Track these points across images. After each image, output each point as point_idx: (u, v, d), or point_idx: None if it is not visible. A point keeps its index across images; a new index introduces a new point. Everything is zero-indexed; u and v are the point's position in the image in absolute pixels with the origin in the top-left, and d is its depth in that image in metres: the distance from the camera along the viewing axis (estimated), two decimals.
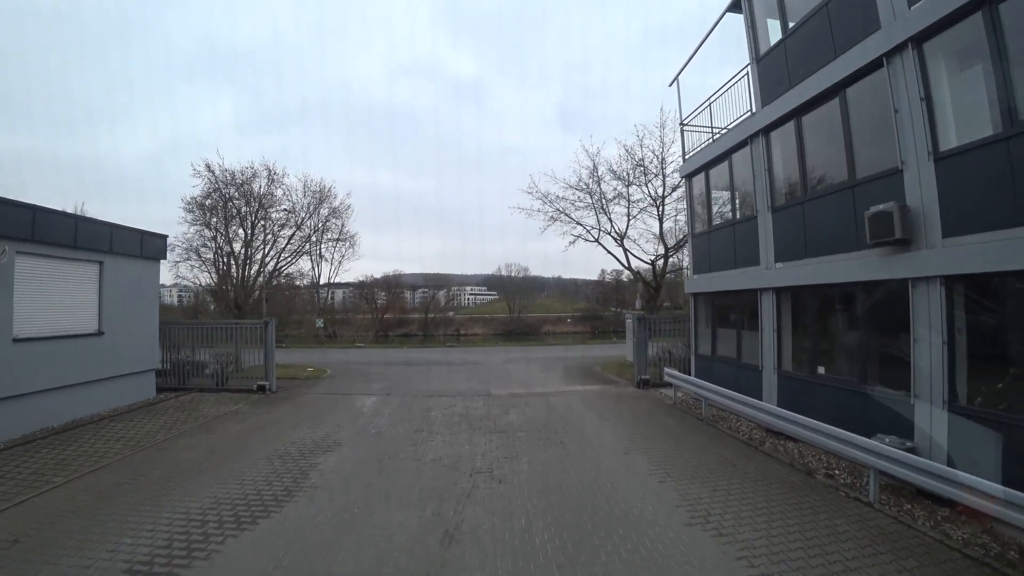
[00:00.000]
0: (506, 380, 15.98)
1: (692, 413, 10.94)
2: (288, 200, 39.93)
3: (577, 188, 19.28)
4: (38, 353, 9.69)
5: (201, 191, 18.93)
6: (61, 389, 10.15)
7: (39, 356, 9.70)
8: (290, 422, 10.36)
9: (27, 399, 9.39)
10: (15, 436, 9.06)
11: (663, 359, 14.28)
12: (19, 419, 9.20)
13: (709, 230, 11.73)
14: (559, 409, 11.35)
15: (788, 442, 8.66)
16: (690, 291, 12.48)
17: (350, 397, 13.08)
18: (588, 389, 13.97)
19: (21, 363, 9.27)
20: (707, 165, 11.70)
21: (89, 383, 10.92)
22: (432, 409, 11.45)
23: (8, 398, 9.01)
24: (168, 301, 51.64)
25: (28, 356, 9.45)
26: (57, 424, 9.98)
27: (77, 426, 10.09)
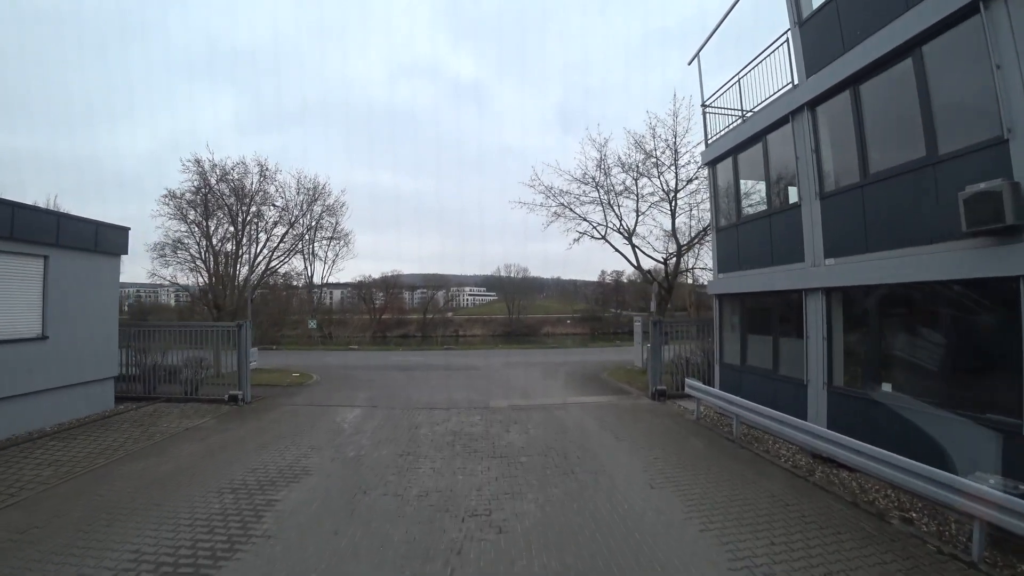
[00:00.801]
0: (506, 389, 14.58)
1: (719, 431, 9.55)
2: (281, 197, 38.63)
3: (582, 181, 17.90)
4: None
5: (188, 186, 17.47)
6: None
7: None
8: (257, 441, 8.95)
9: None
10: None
11: (680, 367, 12.89)
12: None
13: (738, 223, 10.35)
14: (567, 426, 9.95)
15: (841, 471, 7.29)
16: (714, 292, 11.09)
17: (331, 410, 11.66)
18: (597, 401, 12.56)
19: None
20: (735, 149, 10.31)
21: (29, 395, 9.51)
22: (422, 425, 10.04)
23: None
24: (164, 301, 50.18)
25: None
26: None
27: (9, 445, 8.68)
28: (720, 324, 10.95)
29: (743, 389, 9.78)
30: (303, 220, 40.18)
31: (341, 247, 44.17)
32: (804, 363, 8.24)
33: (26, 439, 9.07)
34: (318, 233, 42.23)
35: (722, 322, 10.94)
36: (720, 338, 10.96)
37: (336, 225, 42.08)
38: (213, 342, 13.80)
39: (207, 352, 14.13)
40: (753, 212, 10.10)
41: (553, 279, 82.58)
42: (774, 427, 8.16)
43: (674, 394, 12.58)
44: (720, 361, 10.97)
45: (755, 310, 10.06)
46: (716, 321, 11.02)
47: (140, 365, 13.20)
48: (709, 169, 11.43)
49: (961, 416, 5.75)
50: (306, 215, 40.68)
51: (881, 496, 6.55)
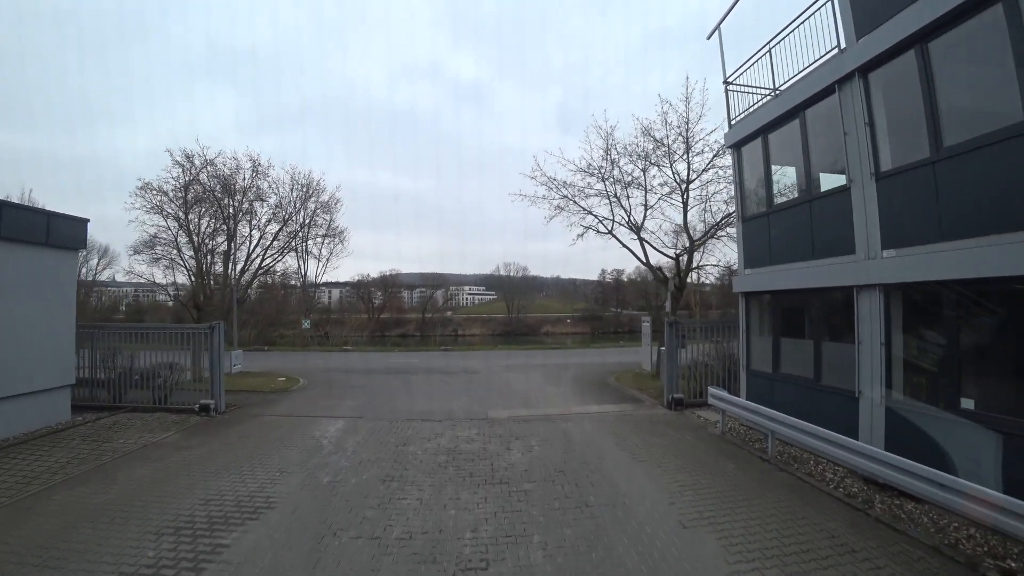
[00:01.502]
0: (506, 396, 13.39)
1: (750, 449, 8.36)
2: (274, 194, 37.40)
3: (588, 172, 16.69)
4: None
5: (168, 177, 16.22)
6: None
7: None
8: (220, 462, 7.75)
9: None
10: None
11: (698, 373, 11.69)
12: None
13: (769, 212, 9.15)
14: (576, 442, 8.75)
15: (906, 501, 6.13)
16: (740, 290, 9.90)
17: (312, 422, 10.45)
18: (607, 410, 11.37)
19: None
20: (765, 128, 9.12)
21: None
22: (411, 442, 8.84)
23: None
24: (163, 300, 48.80)
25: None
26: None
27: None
28: (747, 326, 9.76)
29: (775, 400, 8.60)
30: (296, 217, 39.16)
31: (335, 245, 43.15)
32: (856, 372, 7.06)
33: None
34: (312, 230, 41.34)
35: (749, 323, 9.75)
36: (747, 342, 9.77)
37: (330, 222, 41.13)
38: (188, 345, 12.59)
39: (182, 356, 12.94)
40: (788, 199, 8.90)
41: (553, 278, 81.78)
42: (819, 446, 6.98)
43: (692, 402, 11.39)
44: (747, 368, 9.78)
45: (791, 310, 8.87)
46: (742, 322, 9.82)
47: (106, 370, 12.02)
48: (733, 153, 10.23)
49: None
50: (300, 212, 39.67)
51: (964, 536, 5.38)
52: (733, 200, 15.48)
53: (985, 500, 4.86)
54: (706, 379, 11.51)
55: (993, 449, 5.32)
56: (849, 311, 7.18)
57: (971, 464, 5.60)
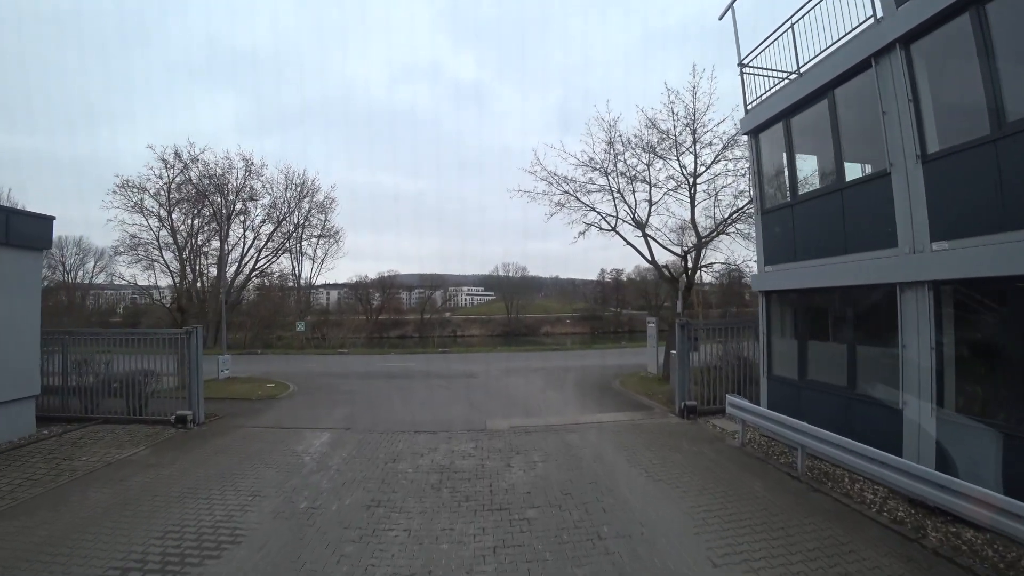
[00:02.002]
0: (506, 403, 12.59)
1: (775, 464, 7.58)
2: (268, 194, 36.65)
3: (590, 166, 15.87)
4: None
5: (150, 174, 15.41)
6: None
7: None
8: (188, 483, 6.95)
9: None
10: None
11: (710, 377, 10.90)
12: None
13: (793, 203, 8.37)
14: (584, 458, 7.96)
15: (964, 529, 5.36)
16: (760, 289, 9.11)
17: (296, 434, 9.65)
18: (616, 420, 10.56)
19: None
20: (787, 112, 8.33)
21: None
22: (402, 458, 8.04)
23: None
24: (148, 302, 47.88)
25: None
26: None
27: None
28: (767, 328, 8.98)
29: (802, 410, 7.82)
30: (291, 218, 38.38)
31: (331, 245, 42.39)
32: (899, 380, 6.27)
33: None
34: (306, 231, 40.57)
35: (770, 325, 8.96)
36: (767, 345, 8.98)
37: (325, 222, 40.36)
38: (171, 350, 11.76)
39: (164, 362, 12.10)
40: (815, 188, 8.12)
41: (552, 278, 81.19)
42: (858, 464, 6.20)
43: (705, 410, 10.61)
44: (768, 373, 9.00)
45: (819, 311, 8.09)
46: (762, 324, 9.03)
47: (79, 378, 11.22)
48: (750, 140, 9.45)
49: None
50: (294, 212, 38.89)
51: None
52: (743, 194, 14.81)
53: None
54: (719, 384, 10.74)
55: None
56: (890, 311, 6.40)
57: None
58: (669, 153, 14.90)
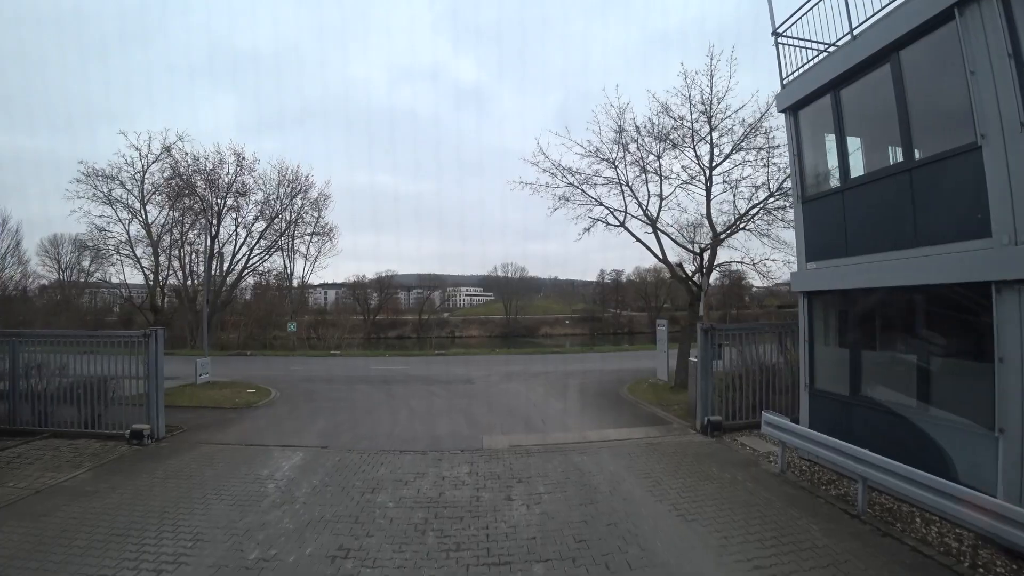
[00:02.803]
0: (505, 414, 11.34)
1: (826, 497, 6.37)
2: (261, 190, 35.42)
3: (597, 156, 14.66)
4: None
5: (122, 162, 14.15)
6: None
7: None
8: (118, 523, 5.70)
9: None
10: None
11: (732, 387, 9.69)
12: None
13: (843, 187, 7.15)
14: (597, 487, 6.72)
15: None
16: (800, 289, 7.89)
17: (265, 453, 8.41)
18: (629, 437, 9.31)
19: None
20: (837, 82, 7.12)
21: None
22: (382, 487, 6.80)
23: None
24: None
25: None
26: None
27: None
28: (809, 334, 7.75)
29: (854, 431, 6.61)
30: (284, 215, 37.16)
31: (324, 243, 41.15)
32: (994, 401, 5.06)
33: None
34: (299, 228, 39.33)
35: (813, 331, 7.74)
36: (809, 354, 7.76)
37: (318, 219, 39.12)
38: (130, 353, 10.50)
39: (132, 365, 10.81)
40: (872, 170, 6.90)
41: (551, 279, 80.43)
42: (940, 504, 5.02)
43: (729, 426, 9.40)
44: (809, 387, 7.78)
45: (879, 314, 6.87)
46: (803, 329, 7.81)
47: (28, 385, 9.97)
48: (788, 118, 8.23)
49: None
50: (286, 209, 37.67)
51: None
52: (764, 187, 13.60)
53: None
54: (741, 395, 9.53)
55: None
56: (980, 316, 5.20)
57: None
58: (684, 142, 13.69)
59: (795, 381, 9.63)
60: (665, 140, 13.91)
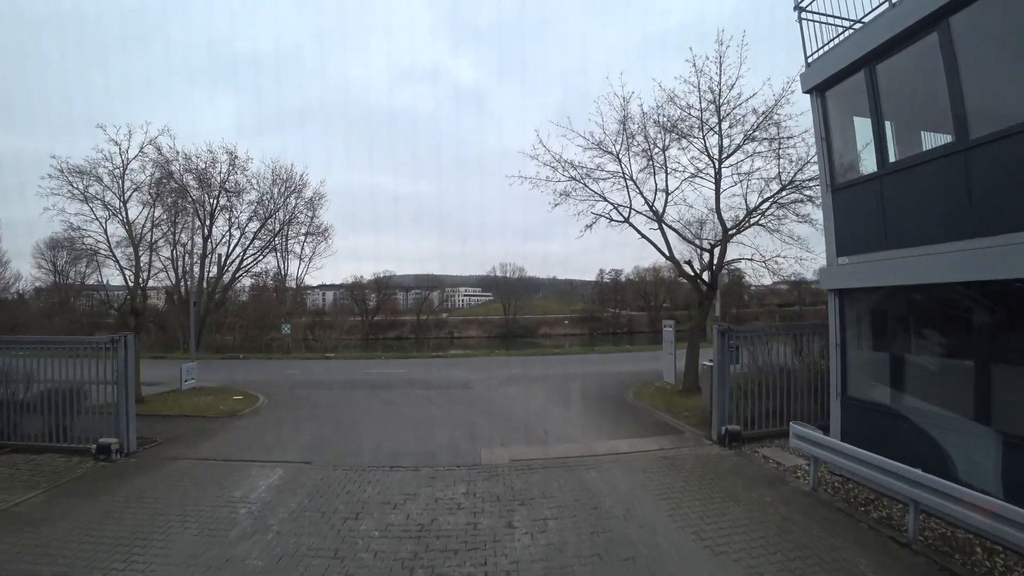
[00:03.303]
0: (505, 423, 10.58)
1: (867, 520, 5.65)
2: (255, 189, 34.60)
3: (601, 148, 13.91)
4: None
5: (99, 157, 13.33)
6: None
7: None
8: (62, 559, 4.96)
9: None
10: None
11: (748, 391, 8.96)
12: None
13: (881, 173, 6.42)
14: (611, 512, 5.97)
15: None
16: (831, 287, 7.15)
17: (243, 470, 7.66)
18: (642, 449, 8.55)
19: None
20: (873, 56, 6.40)
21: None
22: (367, 512, 6.05)
23: None
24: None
25: None
26: None
27: None
28: (841, 336, 7.02)
29: (898, 445, 5.88)
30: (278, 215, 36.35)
31: (319, 243, 40.36)
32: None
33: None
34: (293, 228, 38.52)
35: (845, 333, 7.01)
36: (841, 358, 7.02)
37: (312, 218, 38.32)
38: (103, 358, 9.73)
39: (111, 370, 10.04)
40: (917, 152, 6.18)
41: (549, 279, 79.89)
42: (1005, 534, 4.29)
43: (749, 435, 8.67)
44: (841, 395, 7.04)
45: (925, 314, 6.15)
46: (835, 331, 7.07)
47: None
48: (814, 99, 7.49)
49: None
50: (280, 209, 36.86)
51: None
52: (776, 179, 12.85)
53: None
54: (756, 401, 8.81)
55: None
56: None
57: None
58: (692, 132, 12.95)
59: (813, 386, 8.96)
60: (672, 131, 13.18)
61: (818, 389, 9.05)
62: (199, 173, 32.65)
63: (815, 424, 8.78)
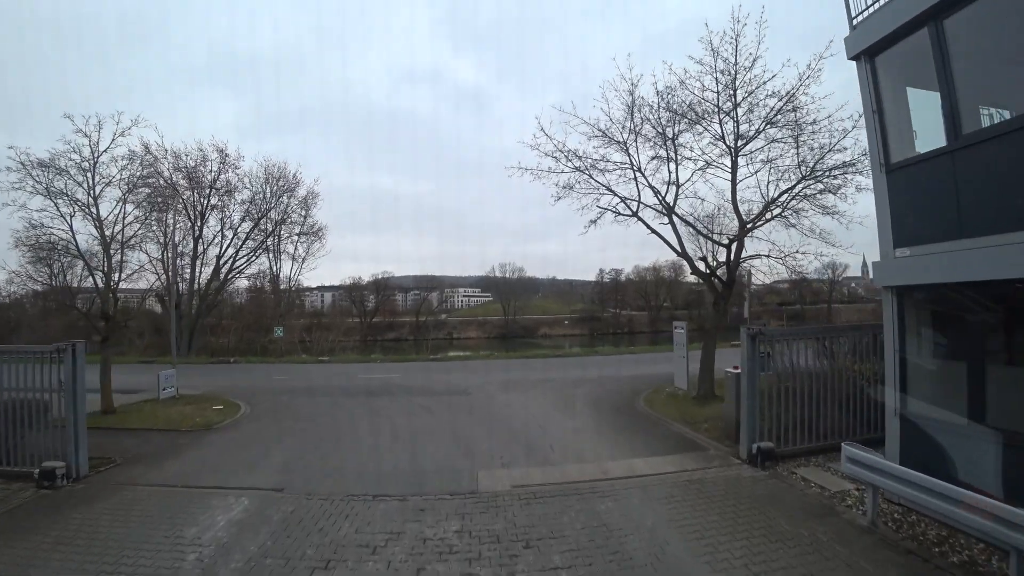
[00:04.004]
0: (506, 437, 9.53)
1: (949, 568, 4.62)
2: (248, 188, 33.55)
3: (607, 135, 12.87)
4: None
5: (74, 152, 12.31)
6: None
7: None
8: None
9: None
10: None
11: (776, 400, 7.91)
12: None
13: (954, 146, 5.39)
14: (637, 559, 4.91)
15: None
16: (888, 284, 6.12)
17: (204, 499, 6.61)
18: (663, 472, 7.46)
19: None
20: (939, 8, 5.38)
21: None
22: (341, 559, 5.00)
23: None
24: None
25: None
26: None
27: None
28: (900, 342, 6.00)
29: (980, 471, 4.87)
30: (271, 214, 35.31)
31: (312, 242, 39.35)
32: None
33: None
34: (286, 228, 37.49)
35: (904, 338, 5.99)
36: (900, 368, 5.99)
37: (306, 218, 37.30)
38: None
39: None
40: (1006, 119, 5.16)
41: (549, 279, 79.19)
42: None
43: (785, 453, 7.64)
44: (899, 411, 6.01)
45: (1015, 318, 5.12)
46: (892, 336, 6.04)
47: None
48: (862, 66, 6.45)
49: None
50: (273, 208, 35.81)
51: None
52: (799, 167, 11.81)
53: None
54: (783, 410, 7.77)
55: None
56: None
57: None
58: (707, 117, 11.92)
59: (846, 393, 7.96)
60: (685, 116, 12.14)
61: (851, 397, 8.07)
62: (189, 171, 31.81)
63: (852, 438, 7.80)
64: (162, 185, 23.46)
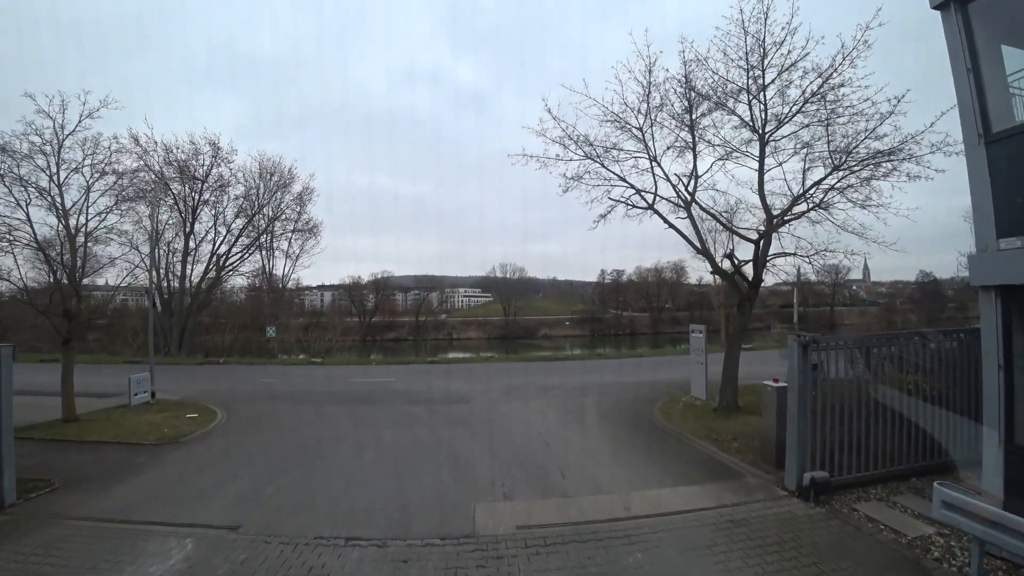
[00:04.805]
0: (510, 461, 8.25)
1: None
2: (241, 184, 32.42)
3: (621, 120, 11.69)
4: None
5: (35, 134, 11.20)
6: None
7: None
8: None
9: None
10: None
11: (832, 416, 6.69)
12: None
13: None
14: None
15: None
16: (990, 282, 4.92)
17: (139, 541, 5.41)
18: (698, 509, 6.20)
19: None
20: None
21: None
22: None
23: None
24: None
25: None
26: None
27: None
28: (1006, 354, 4.80)
29: None
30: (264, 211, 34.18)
31: (306, 239, 38.25)
32: None
33: None
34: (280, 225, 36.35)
35: (1011, 349, 4.79)
36: (1006, 387, 4.78)
37: (300, 214, 36.17)
38: None
39: None
40: None
41: (550, 280, 78.55)
42: None
43: (841, 483, 6.43)
44: (1006, 441, 4.80)
45: None
46: (995, 347, 4.84)
47: None
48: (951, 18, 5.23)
49: None
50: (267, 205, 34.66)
51: None
52: (833, 155, 10.57)
53: None
54: (832, 429, 6.55)
55: None
56: None
57: None
58: (735, 97, 10.71)
59: (895, 412, 6.77)
60: (707, 99, 10.95)
61: (900, 415, 6.88)
62: (180, 164, 30.67)
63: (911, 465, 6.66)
64: (151, 179, 22.45)
